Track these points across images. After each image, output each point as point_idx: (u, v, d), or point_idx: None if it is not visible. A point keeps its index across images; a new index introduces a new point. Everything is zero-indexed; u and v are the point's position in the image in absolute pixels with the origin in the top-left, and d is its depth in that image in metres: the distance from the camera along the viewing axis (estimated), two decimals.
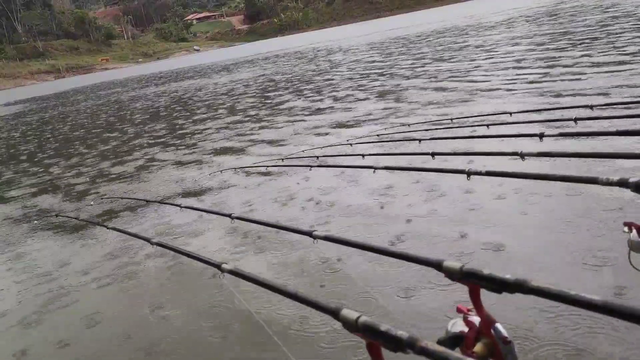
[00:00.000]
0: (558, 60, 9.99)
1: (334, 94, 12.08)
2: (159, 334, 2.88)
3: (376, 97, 10.28)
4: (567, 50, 11.08)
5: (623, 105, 4.73)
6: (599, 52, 9.88)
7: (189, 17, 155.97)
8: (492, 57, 12.61)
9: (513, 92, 7.87)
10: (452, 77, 10.76)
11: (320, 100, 11.47)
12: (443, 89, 9.46)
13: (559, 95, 6.95)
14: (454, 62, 13.38)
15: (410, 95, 9.58)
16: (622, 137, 4.32)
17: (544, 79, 8.41)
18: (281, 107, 11.68)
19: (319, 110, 10.02)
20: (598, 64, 8.68)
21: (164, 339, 2.82)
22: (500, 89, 8.34)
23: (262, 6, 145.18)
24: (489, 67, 11.03)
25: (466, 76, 10.47)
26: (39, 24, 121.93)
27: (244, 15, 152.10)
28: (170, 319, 3.01)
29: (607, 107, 4.91)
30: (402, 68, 14.48)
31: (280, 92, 14.69)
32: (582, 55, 9.98)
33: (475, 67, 11.58)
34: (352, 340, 2.37)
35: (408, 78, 12.10)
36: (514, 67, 10.28)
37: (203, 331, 2.80)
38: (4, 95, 65.22)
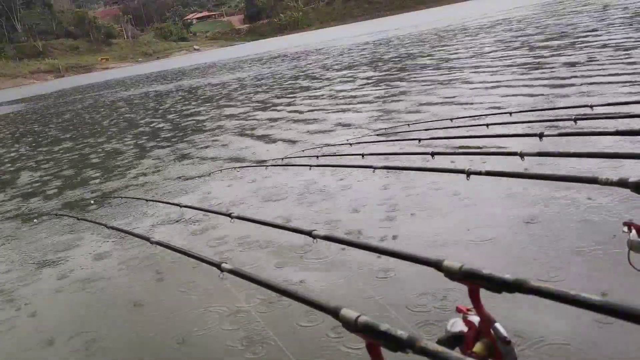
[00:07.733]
0: (558, 60, 9.98)
1: (333, 93, 12.08)
2: (157, 333, 2.88)
3: (376, 96, 10.27)
4: (568, 50, 11.08)
5: (623, 105, 4.72)
6: (599, 52, 9.88)
7: (189, 16, 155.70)
8: (492, 57, 12.60)
9: (513, 92, 7.87)
10: (452, 76, 10.75)
11: (320, 99, 11.46)
12: (443, 89, 9.45)
13: (558, 96, 6.95)
14: (452, 61, 13.37)
15: (410, 95, 9.57)
16: (622, 137, 4.33)
17: (544, 79, 8.40)
18: (281, 106, 11.67)
19: (318, 110, 10.01)
20: (598, 64, 8.67)
21: (161, 338, 2.82)
22: (500, 88, 8.34)
23: (262, 6, 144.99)
24: (488, 67, 11.02)
25: (466, 76, 10.46)
26: (38, 24, 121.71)
27: (243, 14, 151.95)
28: (169, 318, 3.01)
29: (607, 107, 4.90)
30: (401, 68, 14.47)
31: (279, 92, 14.69)
32: (582, 55, 9.97)
33: (475, 66, 11.57)
34: (352, 340, 2.36)
35: (408, 78, 12.09)
36: (514, 67, 10.28)
37: (202, 331, 2.80)
38: (3, 94, 65.15)
